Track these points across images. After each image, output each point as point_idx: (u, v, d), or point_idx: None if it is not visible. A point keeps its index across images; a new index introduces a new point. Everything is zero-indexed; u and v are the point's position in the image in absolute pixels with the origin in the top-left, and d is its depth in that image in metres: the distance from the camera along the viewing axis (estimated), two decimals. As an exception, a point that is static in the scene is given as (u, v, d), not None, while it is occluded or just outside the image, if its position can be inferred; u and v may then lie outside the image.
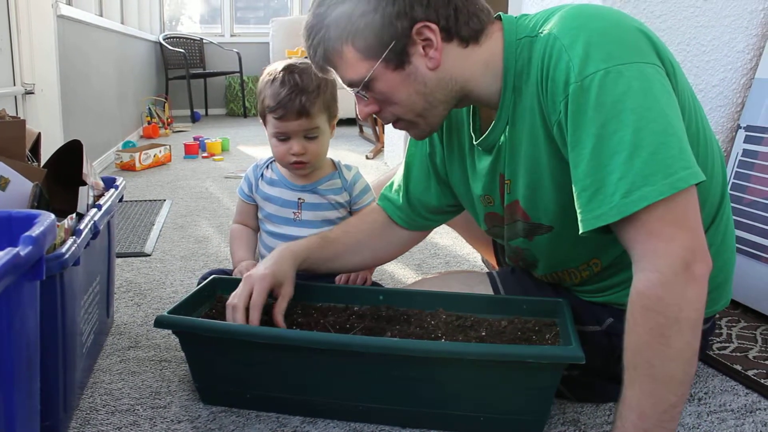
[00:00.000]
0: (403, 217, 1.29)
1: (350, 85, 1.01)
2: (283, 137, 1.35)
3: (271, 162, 1.46)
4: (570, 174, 0.94)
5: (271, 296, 1.14)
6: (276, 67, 1.36)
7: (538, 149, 1.00)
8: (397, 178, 1.31)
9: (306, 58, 1.09)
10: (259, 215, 1.47)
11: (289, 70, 1.33)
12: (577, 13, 0.94)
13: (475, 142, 1.11)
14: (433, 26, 0.95)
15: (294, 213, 1.42)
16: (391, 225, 1.30)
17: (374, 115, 1.06)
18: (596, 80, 0.86)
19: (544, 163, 1.00)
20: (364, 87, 0.99)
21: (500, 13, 1.04)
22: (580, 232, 0.90)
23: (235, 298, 1.11)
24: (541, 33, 0.95)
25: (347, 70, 0.99)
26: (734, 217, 1.57)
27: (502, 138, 1.05)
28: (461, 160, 1.19)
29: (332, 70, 1.02)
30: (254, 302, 1.10)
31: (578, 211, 0.90)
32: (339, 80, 1.04)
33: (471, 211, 1.25)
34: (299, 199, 1.42)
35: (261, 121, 1.39)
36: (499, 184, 1.11)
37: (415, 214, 1.29)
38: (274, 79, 1.33)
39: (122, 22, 4.87)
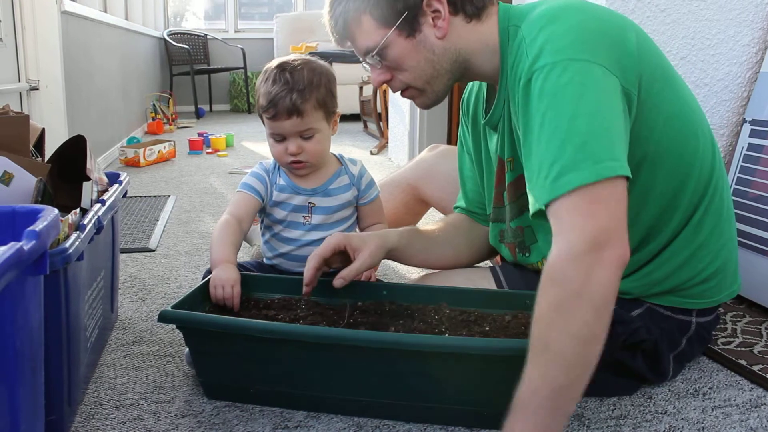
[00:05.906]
0: (476, 215, 1.39)
1: (366, 53, 1.11)
2: (278, 138, 1.32)
3: (279, 167, 1.40)
4: None
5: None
6: (271, 64, 1.32)
7: None
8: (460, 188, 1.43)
9: (306, 54, 1.13)
10: (267, 220, 1.42)
11: (281, 68, 1.29)
12: (554, 8, 1.00)
13: (482, 121, 1.21)
14: None
15: (304, 217, 1.37)
16: (473, 223, 1.39)
17: (385, 84, 1.15)
18: (543, 73, 0.93)
19: None
20: (378, 54, 1.09)
21: None
22: (530, 216, 0.95)
23: (312, 260, 1.21)
24: (519, 26, 1.04)
25: (364, 38, 1.09)
26: (739, 212, 1.57)
27: (502, 118, 1.14)
28: (477, 142, 1.29)
29: (350, 42, 1.12)
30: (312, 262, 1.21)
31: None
32: (356, 51, 1.13)
33: (487, 193, 1.31)
34: (310, 203, 1.38)
35: (261, 120, 1.36)
36: (497, 163, 1.20)
37: (483, 214, 1.37)
38: (267, 78, 1.29)
39: (126, 18, 4.87)
